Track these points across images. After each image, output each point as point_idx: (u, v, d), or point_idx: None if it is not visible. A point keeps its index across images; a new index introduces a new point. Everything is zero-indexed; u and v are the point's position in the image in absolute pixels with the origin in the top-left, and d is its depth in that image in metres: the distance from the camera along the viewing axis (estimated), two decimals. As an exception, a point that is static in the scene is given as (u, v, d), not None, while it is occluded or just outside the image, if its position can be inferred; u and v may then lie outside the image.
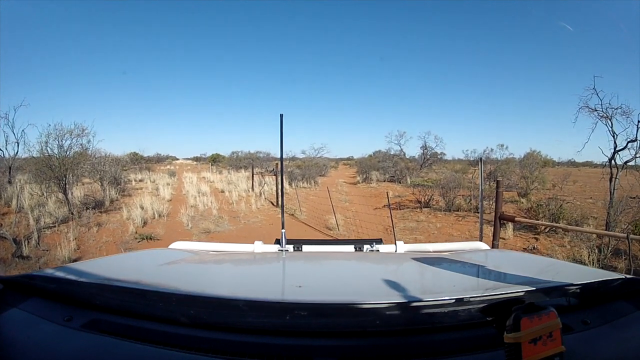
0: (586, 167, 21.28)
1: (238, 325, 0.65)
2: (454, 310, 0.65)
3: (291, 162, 19.48)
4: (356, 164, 23.32)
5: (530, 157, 14.00)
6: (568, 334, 0.62)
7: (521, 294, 0.69)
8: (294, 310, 0.63)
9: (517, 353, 0.48)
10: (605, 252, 4.37)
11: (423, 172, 16.53)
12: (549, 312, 0.50)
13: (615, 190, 5.54)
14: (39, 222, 6.08)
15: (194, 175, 15.36)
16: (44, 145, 7.42)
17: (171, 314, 0.67)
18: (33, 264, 4.47)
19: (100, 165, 9.33)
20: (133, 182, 12.98)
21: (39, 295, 0.75)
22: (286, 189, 10.75)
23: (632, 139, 5.49)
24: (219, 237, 6.23)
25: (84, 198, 8.35)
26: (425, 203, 8.73)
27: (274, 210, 8.74)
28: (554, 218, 5.89)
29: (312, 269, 1.17)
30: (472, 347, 0.62)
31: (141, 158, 20.91)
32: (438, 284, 0.95)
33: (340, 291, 0.82)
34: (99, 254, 5.07)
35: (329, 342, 0.62)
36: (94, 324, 0.67)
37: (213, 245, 1.45)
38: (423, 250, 1.46)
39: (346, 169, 27.31)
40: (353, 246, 1.41)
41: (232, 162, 22.02)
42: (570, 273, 1.01)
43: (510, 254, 1.70)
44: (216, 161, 25.43)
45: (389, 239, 5.28)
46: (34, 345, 0.61)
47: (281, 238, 1.39)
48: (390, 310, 0.64)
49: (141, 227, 6.54)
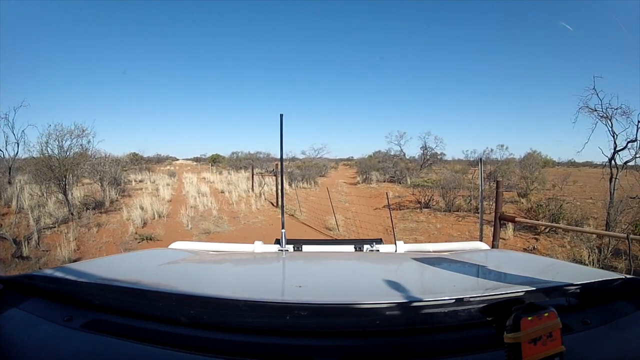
0: (586, 167, 21.25)
1: (238, 325, 0.65)
2: (454, 310, 0.65)
3: (291, 163, 19.47)
4: (356, 164, 23.28)
5: (530, 158, 14.02)
6: (568, 334, 0.62)
7: (521, 294, 0.69)
8: (294, 310, 0.63)
9: (517, 353, 0.48)
10: (605, 253, 4.36)
11: (423, 172, 16.50)
12: (549, 312, 0.50)
13: (615, 190, 5.55)
14: (38, 222, 6.08)
15: (194, 176, 15.35)
16: (44, 145, 7.43)
17: (171, 314, 0.67)
18: (33, 264, 4.47)
19: (100, 166, 9.33)
20: (133, 183, 12.98)
21: (39, 295, 0.75)
22: (286, 189, 10.75)
23: (632, 139, 5.51)
24: (218, 237, 6.22)
25: (84, 198, 8.35)
26: (425, 203, 8.72)
27: (274, 210, 8.74)
28: (554, 218, 5.89)
29: (312, 269, 1.16)
30: (472, 347, 0.62)
31: (141, 158, 20.90)
32: (438, 284, 0.95)
33: (340, 291, 0.82)
34: (99, 254, 5.07)
35: (329, 342, 0.62)
36: (94, 324, 0.67)
37: (213, 245, 1.45)
38: (423, 250, 1.46)
39: (346, 169, 27.27)
40: (353, 246, 1.41)
41: (232, 162, 21.99)
42: (570, 273, 1.01)
43: (510, 254, 1.70)
44: (216, 162, 25.40)
45: (389, 239, 5.28)
46: (34, 345, 0.61)
47: (281, 238, 1.39)
48: (390, 310, 0.64)
49: (141, 228, 6.54)
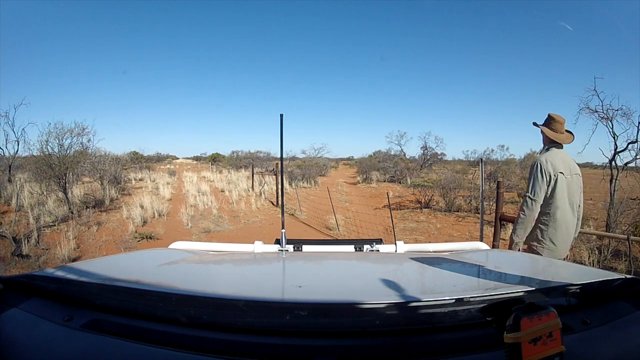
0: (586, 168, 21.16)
1: (238, 325, 0.65)
2: (454, 310, 0.64)
3: (291, 162, 19.45)
4: (356, 164, 23.27)
5: (530, 158, 13.99)
6: (568, 334, 0.62)
7: (521, 294, 0.69)
8: (294, 310, 0.63)
9: (517, 353, 0.48)
10: (606, 254, 4.36)
11: (423, 172, 16.48)
12: (549, 312, 0.49)
13: (615, 191, 5.55)
14: (38, 220, 6.09)
15: (194, 175, 15.34)
16: (44, 143, 7.43)
17: (171, 314, 0.67)
18: (33, 262, 4.47)
19: (100, 164, 9.33)
20: (133, 181, 12.98)
21: (39, 295, 0.75)
22: (286, 188, 10.75)
23: (632, 140, 5.51)
24: (218, 236, 6.23)
25: (84, 197, 8.36)
26: (426, 203, 8.72)
27: (274, 210, 8.74)
28: (554, 219, 5.87)
29: (312, 269, 1.16)
30: (472, 347, 0.62)
31: (141, 157, 20.84)
32: (438, 284, 0.95)
33: (340, 291, 0.82)
34: (99, 253, 5.07)
35: (329, 342, 0.62)
36: (94, 324, 0.67)
37: (213, 245, 1.45)
38: (423, 251, 1.46)
39: (346, 169, 27.27)
40: (353, 246, 1.41)
41: (232, 161, 21.97)
42: (570, 273, 1.01)
43: (511, 254, 1.70)
44: (216, 160, 25.37)
45: (389, 239, 5.28)
46: (34, 345, 0.61)
47: (281, 238, 1.39)
48: (390, 310, 0.64)
49: (141, 227, 6.54)
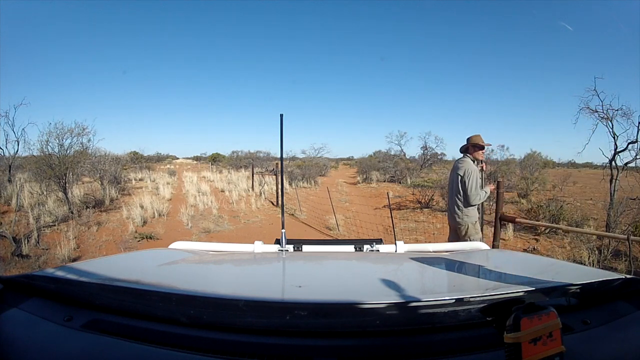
0: (586, 168, 21.20)
1: (238, 325, 0.65)
2: (454, 310, 0.64)
3: (291, 162, 19.44)
4: (356, 164, 23.25)
5: (530, 158, 14.02)
6: (568, 334, 0.62)
7: (521, 294, 0.69)
8: (294, 310, 0.63)
9: (517, 353, 0.48)
10: (605, 254, 4.36)
11: (423, 172, 16.46)
12: (549, 312, 0.50)
13: (615, 191, 5.55)
14: (38, 220, 6.08)
15: (194, 175, 15.33)
16: (44, 143, 7.42)
17: (171, 314, 0.67)
18: (32, 262, 4.47)
19: (100, 164, 9.32)
20: (133, 181, 12.97)
21: (39, 295, 0.75)
22: (286, 188, 10.75)
23: (632, 141, 5.49)
24: (218, 236, 6.22)
25: (84, 197, 8.35)
26: (426, 203, 8.72)
27: (274, 210, 8.74)
28: (554, 219, 5.88)
29: (312, 269, 1.16)
30: (472, 347, 0.62)
31: (141, 157, 20.84)
32: (438, 284, 0.95)
33: (340, 291, 0.82)
34: (99, 253, 5.07)
35: (329, 342, 0.62)
36: (94, 324, 0.67)
37: (213, 245, 1.44)
38: (423, 251, 1.46)
39: (346, 169, 27.24)
40: (353, 246, 1.41)
41: (232, 161, 21.95)
42: (570, 273, 1.01)
43: (510, 254, 1.70)
44: (216, 160, 25.36)
45: (389, 239, 5.28)
46: (34, 345, 0.61)
47: (281, 238, 1.38)
48: (390, 310, 0.64)
49: (141, 227, 6.53)
